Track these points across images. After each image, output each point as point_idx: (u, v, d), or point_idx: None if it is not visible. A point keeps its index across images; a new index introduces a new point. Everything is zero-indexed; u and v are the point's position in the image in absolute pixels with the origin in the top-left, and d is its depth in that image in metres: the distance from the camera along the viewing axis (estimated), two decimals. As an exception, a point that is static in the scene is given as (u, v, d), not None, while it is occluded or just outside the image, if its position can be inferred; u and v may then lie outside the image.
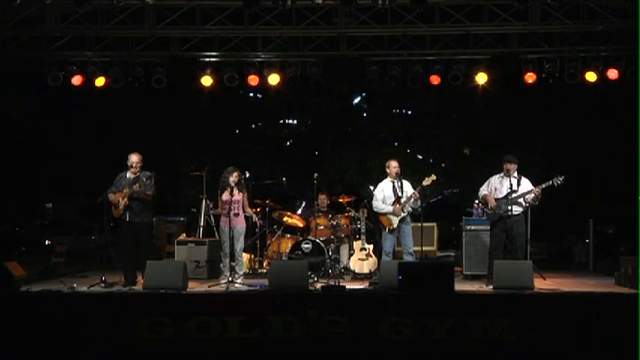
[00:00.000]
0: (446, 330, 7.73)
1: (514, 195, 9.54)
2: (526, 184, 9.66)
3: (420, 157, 15.94)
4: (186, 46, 11.41)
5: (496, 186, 9.78)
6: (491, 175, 9.96)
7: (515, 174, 9.71)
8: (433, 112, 16.08)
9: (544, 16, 10.62)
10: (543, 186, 9.49)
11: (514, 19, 10.61)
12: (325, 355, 7.79)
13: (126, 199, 9.21)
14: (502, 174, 9.78)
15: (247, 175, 13.74)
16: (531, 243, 9.99)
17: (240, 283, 9.29)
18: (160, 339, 7.79)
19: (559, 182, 9.40)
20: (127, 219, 9.31)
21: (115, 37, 11.21)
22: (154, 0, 10.01)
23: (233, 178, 9.51)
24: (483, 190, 9.92)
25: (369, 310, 7.95)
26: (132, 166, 9.37)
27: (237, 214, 9.57)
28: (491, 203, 9.70)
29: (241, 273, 9.71)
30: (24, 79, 12.53)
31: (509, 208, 9.49)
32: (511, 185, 9.58)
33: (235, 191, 9.49)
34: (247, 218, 9.97)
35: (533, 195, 9.51)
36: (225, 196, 9.54)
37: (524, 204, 9.62)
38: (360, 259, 10.46)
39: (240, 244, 9.67)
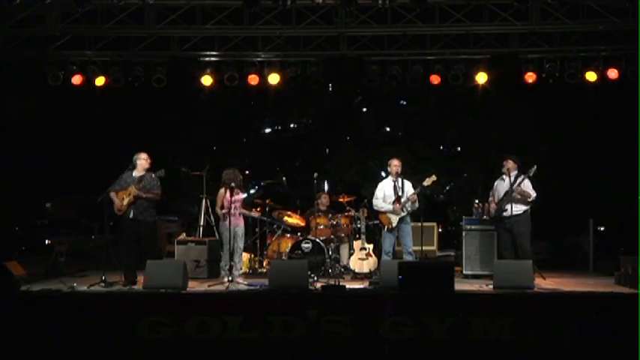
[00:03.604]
0: (446, 330, 7.72)
1: (511, 194, 9.63)
2: (527, 183, 9.70)
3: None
4: (186, 45, 11.40)
5: (497, 188, 9.94)
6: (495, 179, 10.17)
7: (514, 173, 9.77)
8: (433, 112, 16.08)
9: (544, 16, 10.62)
10: (519, 181, 9.61)
11: (514, 19, 10.61)
12: (325, 355, 7.78)
13: (131, 197, 9.24)
14: (502, 176, 9.91)
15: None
16: (531, 243, 10.01)
17: (241, 282, 9.37)
18: (159, 338, 7.78)
19: (533, 171, 9.49)
20: (131, 216, 9.32)
21: (115, 36, 11.21)
22: (154, -1, 10.03)
23: (239, 179, 9.67)
24: (490, 197, 10.18)
25: (369, 310, 7.95)
26: (141, 165, 9.44)
27: (239, 214, 9.76)
28: (492, 210, 9.97)
29: (241, 272, 9.84)
30: (24, 78, 12.52)
31: (507, 207, 9.57)
32: (512, 183, 9.67)
33: (238, 191, 9.67)
34: (246, 218, 10.08)
35: (520, 195, 9.61)
36: (230, 195, 9.63)
37: (524, 203, 9.67)
38: (360, 259, 10.46)
39: (242, 243, 9.83)
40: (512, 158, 9.86)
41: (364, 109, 17.51)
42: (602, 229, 13.85)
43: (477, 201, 11.18)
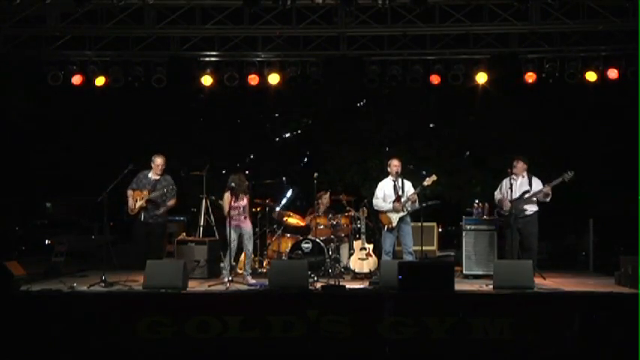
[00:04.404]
0: (446, 330, 7.73)
1: (527, 195, 9.79)
2: (537, 184, 9.88)
3: (411, 166, 15.87)
4: (187, 45, 11.41)
5: (508, 188, 9.88)
6: (501, 179, 10.22)
7: (525, 173, 9.95)
8: (433, 112, 16.07)
9: (544, 15, 10.63)
10: (554, 183, 9.67)
11: (514, 18, 10.62)
12: (325, 355, 7.78)
13: (143, 202, 9.36)
14: (512, 175, 9.93)
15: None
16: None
17: (246, 283, 9.47)
18: (159, 338, 7.79)
19: (569, 177, 9.58)
20: (142, 219, 9.52)
21: (115, 36, 11.21)
22: (154, -1, 10.03)
23: (245, 184, 9.86)
24: (497, 195, 10.17)
25: (369, 310, 7.95)
26: (155, 168, 9.68)
27: (246, 217, 9.89)
28: (506, 207, 9.88)
29: (250, 271, 9.94)
30: (24, 78, 12.52)
31: (525, 207, 9.75)
32: (530, 184, 9.85)
33: (243, 196, 9.83)
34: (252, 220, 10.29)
35: (543, 193, 9.75)
36: (235, 200, 9.74)
37: (537, 203, 9.85)
38: (360, 259, 10.47)
39: (251, 246, 9.95)
40: (523, 159, 10.00)
41: (364, 102, 17.47)
42: (608, 230, 13.85)
43: (476, 201, 11.16)
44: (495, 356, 7.69)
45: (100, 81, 11.38)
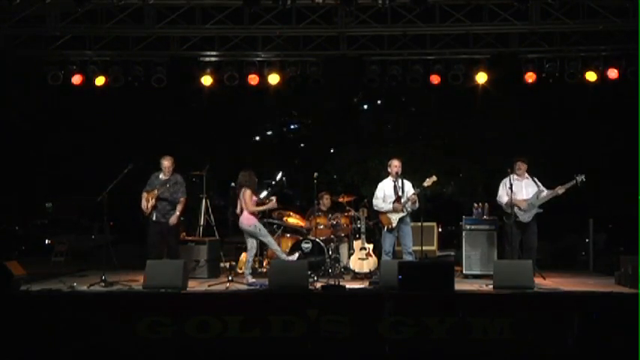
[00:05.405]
0: (446, 330, 7.72)
1: (543, 194, 9.77)
2: (540, 185, 9.89)
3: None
4: (187, 45, 11.41)
5: (515, 189, 9.77)
6: (500, 179, 10.13)
7: (527, 174, 9.97)
8: (433, 112, 16.09)
9: (544, 15, 10.62)
10: (568, 186, 9.69)
11: (514, 18, 10.61)
12: (325, 355, 7.78)
13: (153, 201, 9.44)
14: (514, 176, 9.90)
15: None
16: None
17: (246, 283, 9.50)
18: (159, 338, 7.78)
19: (582, 180, 9.59)
20: (154, 219, 9.63)
21: (115, 36, 11.21)
22: (154, -1, 10.03)
23: (254, 181, 9.96)
24: (504, 197, 9.88)
25: (369, 310, 7.95)
26: (165, 170, 9.77)
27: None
28: (522, 205, 9.80)
29: (250, 271, 9.94)
30: (24, 78, 12.53)
31: (536, 208, 9.76)
32: (537, 184, 9.86)
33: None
34: None
35: (555, 194, 9.76)
36: (254, 196, 9.86)
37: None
38: (360, 259, 10.46)
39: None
40: (525, 160, 10.02)
41: (364, 107, 17.49)
42: (608, 230, 13.86)
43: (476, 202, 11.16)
44: (495, 356, 7.68)
45: (100, 81, 11.38)
